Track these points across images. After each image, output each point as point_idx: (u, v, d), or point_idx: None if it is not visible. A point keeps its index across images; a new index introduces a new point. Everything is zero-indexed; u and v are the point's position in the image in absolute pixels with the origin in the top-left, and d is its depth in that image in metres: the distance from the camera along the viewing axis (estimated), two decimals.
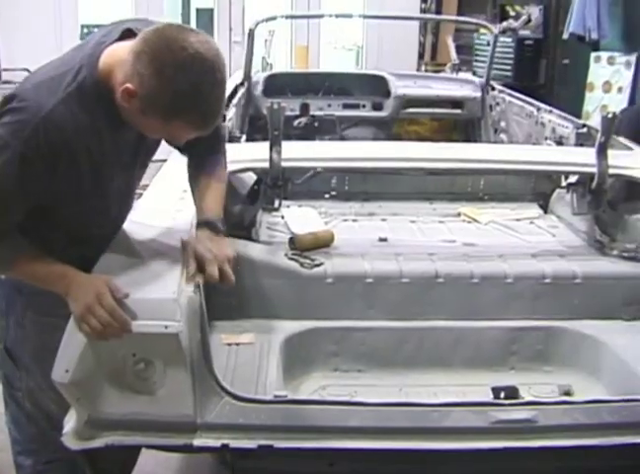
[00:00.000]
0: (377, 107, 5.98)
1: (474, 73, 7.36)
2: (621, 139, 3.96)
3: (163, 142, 2.38)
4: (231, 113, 4.28)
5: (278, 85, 5.75)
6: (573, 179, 3.49)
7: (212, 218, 2.36)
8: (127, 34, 2.11)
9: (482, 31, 8.84)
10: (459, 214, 4.12)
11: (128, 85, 1.96)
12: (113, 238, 2.39)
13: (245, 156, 3.24)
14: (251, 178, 3.38)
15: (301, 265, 3.10)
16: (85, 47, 2.16)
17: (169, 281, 2.20)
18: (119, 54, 2.05)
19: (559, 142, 4.31)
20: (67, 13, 8.33)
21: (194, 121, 2.04)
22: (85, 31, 9.10)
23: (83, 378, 2.09)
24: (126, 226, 2.47)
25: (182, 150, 2.49)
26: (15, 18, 8.12)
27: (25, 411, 2.45)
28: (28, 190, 2.05)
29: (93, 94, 2.06)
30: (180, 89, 1.94)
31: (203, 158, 2.48)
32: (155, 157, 2.62)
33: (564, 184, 3.64)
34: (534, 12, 9.45)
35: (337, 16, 8.16)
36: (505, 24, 9.48)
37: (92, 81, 2.06)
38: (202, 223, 2.35)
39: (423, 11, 9.98)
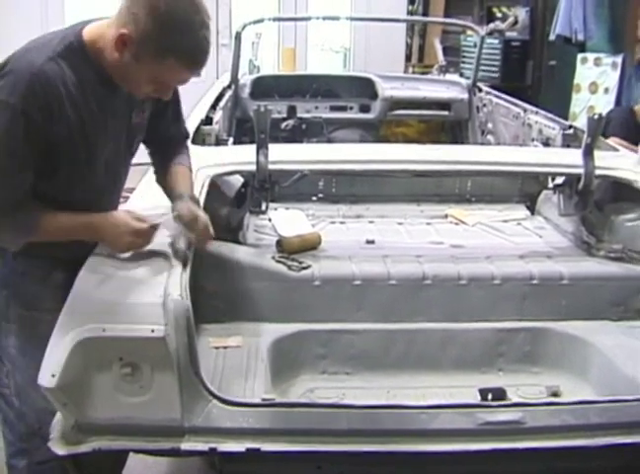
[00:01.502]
0: (365, 109, 5.98)
1: (461, 75, 7.35)
2: (612, 140, 3.98)
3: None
4: (218, 115, 4.27)
5: (265, 87, 5.74)
6: (560, 180, 3.50)
7: (188, 192, 2.50)
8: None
9: (469, 32, 8.85)
10: (447, 216, 4.12)
11: (123, 30, 2.10)
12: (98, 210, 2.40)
13: (232, 159, 3.24)
14: (238, 180, 3.38)
15: (289, 267, 3.10)
16: (65, 29, 2.29)
17: (155, 285, 2.20)
18: (101, 25, 2.21)
19: (546, 143, 4.31)
20: (54, 15, 8.28)
21: (185, 58, 2.15)
22: None
23: (70, 383, 2.09)
24: None
25: (148, 143, 2.61)
26: (0, 20, 8.09)
27: (14, 409, 2.44)
28: (34, 147, 2.12)
29: (80, 55, 2.18)
30: (172, 22, 2.08)
31: (169, 152, 2.63)
32: (142, 160, 2.63)
33: (551, 185, 3.64)
34: (521, 13, 9.47)
35: (324, 18, 8.17)
36: (492, 25, 9.51)
37: (78, 45, 2.19)
38: (180, 195, 2.47)
39: (410, 13, 9.98)
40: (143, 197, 2.86)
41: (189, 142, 2.81)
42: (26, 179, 2.15)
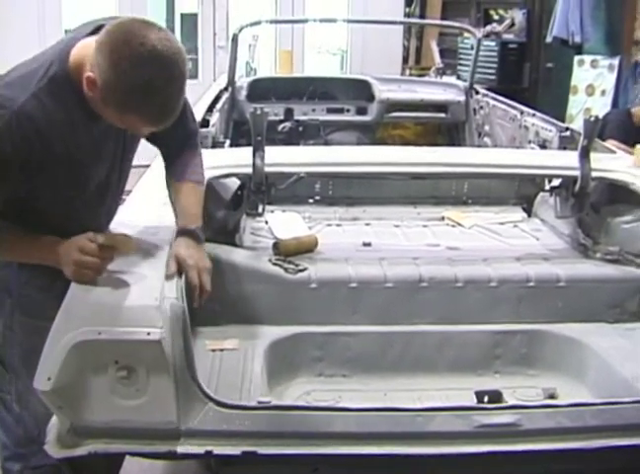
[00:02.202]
0: (361, 111, 5.98)
1: (458, 77, 7.37)
2: (610, 143, 3.97)
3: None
4: (215, 118, 4.27)
5: (262, 90, 5.75)
6: (556, 182, 3.50)
7: (192, 227, 2.41)
8: (100, 29, 2.12)
9: (466, 34, 8.86)
10: (443, 218, 4.12)
11: (90, 74, 2.02)
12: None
13: (228, 161, 3.24)
14: (234, 183, 3.38)
15: (285, 270, 3.10)
16: (56, 46, 2.21)
17: (151, 288, 2.19)
18: (88, 47, 2.08)
19: (542, 146, 4.32)
20: (51, 18, 8.28)
21: (147, 116, 2.07)
22: None
23: (65, 386, 2.08)
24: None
25: (153, 142, 2.53)
26: None
27: (13, 414, 2.44)
28: (5, 181, 2.09)
29: (64, 86, 2.11)
30: (133, 83, 1.98)
31: (179, 157, 2.55)
32: (138, 162, 2.62)
33: (547, 187, 3.65)
34: (518, 16, 9.48)
35: (321, 20, 8.18)
36: (488, 28, 9.51)
37: (63, 74, 2.11)
38: (183, 231, 2.39)
39: (407, 15, 9.99)
40: (138, 200, 2.86)
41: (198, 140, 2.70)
42: None
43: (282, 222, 3.80)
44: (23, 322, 2.36)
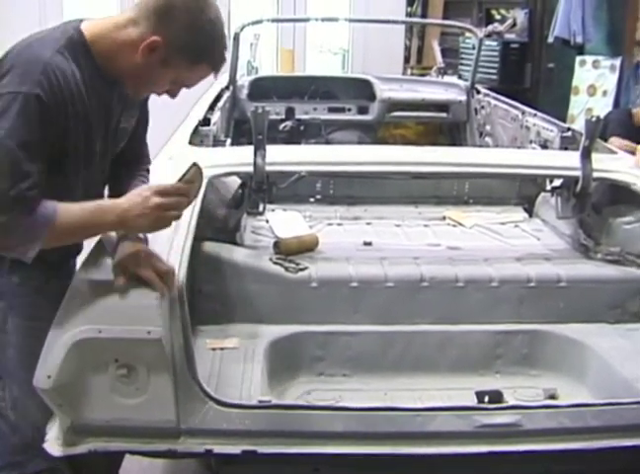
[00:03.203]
0: (363, 110, 5.97)
1: (460, 76, 7.35)
2: (614, 140, 3.96)
3: None
4: (216, 116, 4.26)
5: (263, 89, 5.74)
6: (557, 182, 3.49)
7: None
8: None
9: (468, 34, 8.84)
10: (444, 218, 4.12)
11: (155, 37, 2.13)
12: None
13: (229, 160, 3.23)
14: (235, 182, 3.37)
15: (286, 269, 3.09)
16: (60, 25, 2.26)
17: (152, 286, 2.19)
18: (102, 25, 2.22)
19: (544, 146, 4.31)
20: (52, 14, 8.26)
21: (214, 62, 2.25)
22: None
23: (65, 384, 2.09)
24: None
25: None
26: None
27: (8, 422, 2.39)
28: (48, 133, 2.06)
29: (81, 50, 2.17)
30: (207, 33, 2.19)
31: (133, 171, 2.57)
32: None
33: (549, 187, 3.64)
34: (520, 16, 9.47)
35: (323, 20, 8.14)
36: (490, 27, 9.50)
37: (79, 39, 2.18)
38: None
39: (409, 15, 9.97)
40: None
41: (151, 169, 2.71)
42: (36, 170, 2.03)
43: (283, 221, 3.80)
44: (17, 324, 2.32)
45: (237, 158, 3.23)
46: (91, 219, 2.11)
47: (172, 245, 2.41)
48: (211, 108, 4.44)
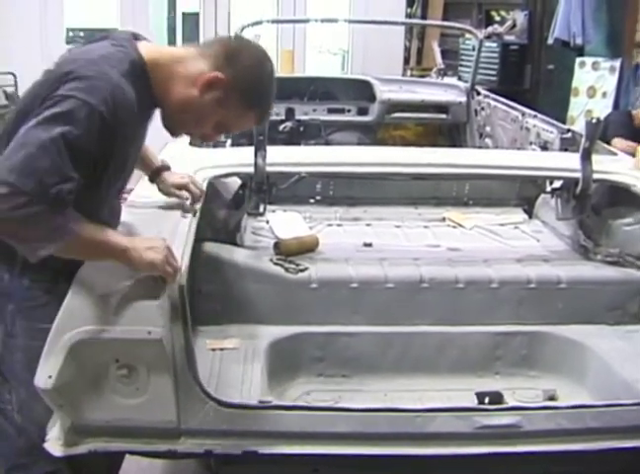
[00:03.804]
0: (363, 111, 5.98)
1: (459, 78, 7.36)
2: (616, 141, 3.94)
3: None
4: None
5: None
6: (557, 184, 3.50)
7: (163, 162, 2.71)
8: (136, 37, 2.30)
9: (467, 36, 8.85)
10: (444, 219, 4.13)
11: (219, 74, 2.20)
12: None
13: (230, 161, 3.24)
14: (235, 183, 3.38)
15: (286, 270, 3.10)
16: (109, 41, 2.25)
17: (152, 287, 2.19)
18: (161, 53, 2.28)
19: (544, 147, 4.31)
20: (53, 16, 8.26)
21: (262, 113, 2.36)
22: (71, 34, 9.05)
23: (66, 384, 2.09)
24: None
25: None
26: (0, 22, 8.09)
27: (14, 424, 2.37)
28: (99, 150, 2.08)
29: (140, 76, 2.20)
30: (267, 83, 2.30)
31: None
32: None
33: (549, 189, 3.64)
34: (519, 17, 9.47)
35: (322, 20, 8.16)
36: (490, 29, 9.50)
37: (140, 65, 2.21)
38: (162, 167, 2.68)
39: (408, 16, 9.97)
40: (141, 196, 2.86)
41: None
42: (77, 178, 2.03)
43: (284, 222, 3.80)
44: (25, 327, 2.30)
45: (237, 159, 3.24)
46: (102, 246, 2.13)
47: (173, 245, 2.41)
48: None
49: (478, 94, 5.81)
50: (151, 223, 2.52)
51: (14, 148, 1.96)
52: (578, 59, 8.38)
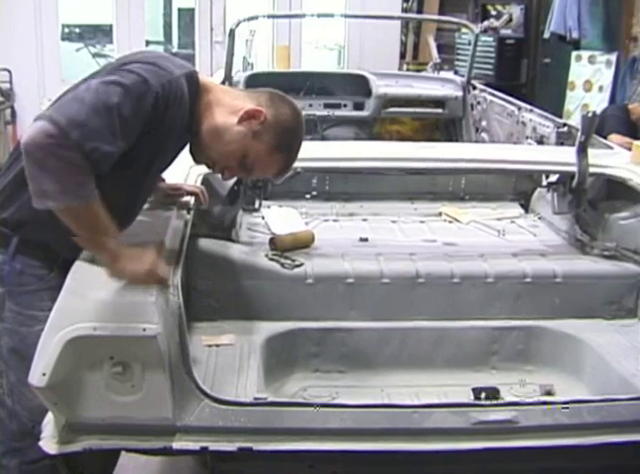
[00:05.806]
0: (359, 106, 5.96)
1: (456, 72, 7.36)
2: (613, 137, 3.94)
3: None
4: None
5: (259, 85, 5.64)
6: (553, 178, 3.50)
7: None
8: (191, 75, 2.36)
9: (464, 30, 8.85)
10: (440, 214, 4.12)
11: (261, 108, 2.32)
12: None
13: None
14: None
15: (282, 265, 3.09)
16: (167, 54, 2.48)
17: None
18: (214, 84, 2.44)
19: (540, 141, 4.30)
20: (48, 13, 8.24)
21: (289, 161, 2.42)
22: (66, 30, 9.03)
23: (60, 382, 2.08)
24: None
25: None
26: None
27: (6, 408, 2.41)
28: (145, 129, 2.14)
29: (193, 88, 2.30)
30: (298, 136, 2.41)
31: None
32: None
33: (545, 183, 3.64)
34: (515, 11, 9.48)
35: (318, 15, 8.12)
36: (486, 23, 9.51)
37: (196, 79, 2.33)
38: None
39: (404, 10, 9.96)
40: None
41: None
42: (116, 147, 2.05)
43: (279, 218, 3.79)
44: (14, 311, 2.34)
45: None
46: (100, 232, 2.10)
47: (167, 242, 2.40)
48: None
49: (474, 88, 5.80)
50: (146, 220, 2.51)
51: (72, 99, 2.04)
52: (574, 53, 8.39)
